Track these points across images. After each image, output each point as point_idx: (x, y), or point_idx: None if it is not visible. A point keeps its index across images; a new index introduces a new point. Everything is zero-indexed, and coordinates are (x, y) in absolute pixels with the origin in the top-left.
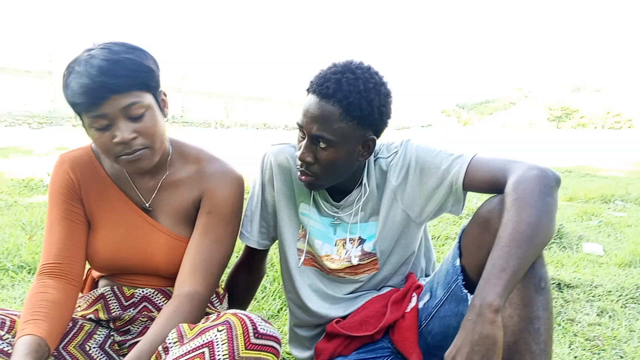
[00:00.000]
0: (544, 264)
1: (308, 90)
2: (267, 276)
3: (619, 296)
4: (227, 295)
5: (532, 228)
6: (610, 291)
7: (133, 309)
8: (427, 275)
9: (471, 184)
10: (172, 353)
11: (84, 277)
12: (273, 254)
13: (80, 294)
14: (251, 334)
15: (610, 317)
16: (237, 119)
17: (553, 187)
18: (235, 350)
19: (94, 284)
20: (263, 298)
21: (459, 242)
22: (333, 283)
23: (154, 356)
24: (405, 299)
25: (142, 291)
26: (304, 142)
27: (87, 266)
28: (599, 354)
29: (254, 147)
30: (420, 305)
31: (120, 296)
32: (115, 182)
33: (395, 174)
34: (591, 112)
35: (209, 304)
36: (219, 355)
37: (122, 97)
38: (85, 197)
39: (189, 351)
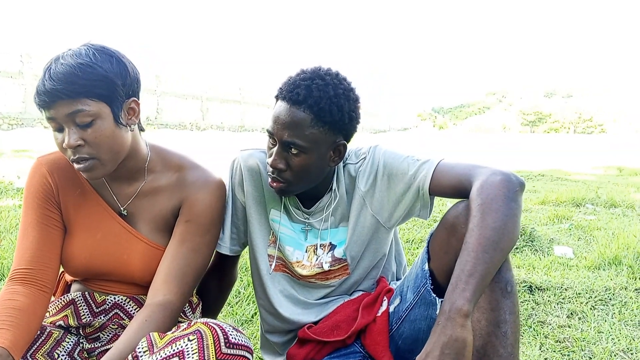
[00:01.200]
0: (510, 268)
1: (277, 97)
2: (241, 281)
3: (588, 298)
4: (200, 304)
5: (497, 233)
6: (579, 293)
7: (104, 316)
8: (398, 279)
9: (437, 189)
10: None
11: (57, 281)
12: (247, 257)
13: (51, 298)
14: (222, 344)
15: (579, 319)
16: (213, 121)
17: (517, 191)
18: None
19: (67, 288)
20: (237, 303)
21: (428, 246)
22: (304, 288)
23: None
24: (376, 303)
25: (114, 298)
26: (275, 148)
27: (61, 269)
28: (568, 355)
29: (230, 150)
30: (391, 309)
31: (91, 302)
32: (93, 187)
33: (363, 180)
34: (563, 117)
35: (180, 313)
36: None
37: (67, 104)
38: (63, 202)
39: None
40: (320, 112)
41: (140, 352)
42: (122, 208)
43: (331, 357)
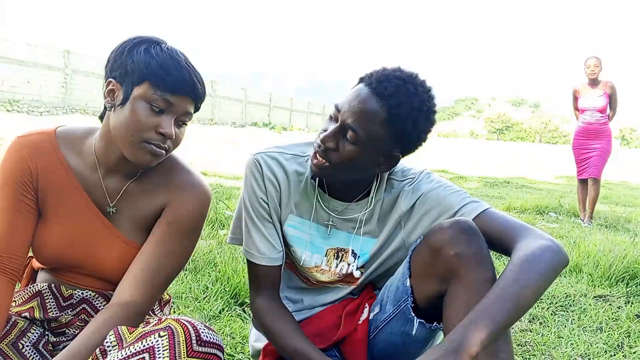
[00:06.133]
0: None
1: (363, 80)
2: (209, 276)
3: (550, 304)
4: (170, 302)
5: (533, 295)
6: (541, 299)
7: (70, 311)
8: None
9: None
10: (110, 357)
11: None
12: (216, 253)
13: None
14: (194, 341)
15: (540, 323)
16: None
17: (559, 266)
18: (177, 357)
19: (33, 274)
20: (205, 298)
21: (410, 260)
22: (311, 294)
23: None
24: (358, 311)
25: (82, 293)
26: (333, 127)
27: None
28: (529, 358)
29: (200, 142)
30: (371, 316)
31: (58, 295)
32: (77, 177)
33: (406, 201)
34: (529, 126)
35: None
36: None
37: (190, 103)
38: (42, 188)
39: (128, 356)
40: (395, 116)
41: (108, 346)
42: (111, 204)
43: None
